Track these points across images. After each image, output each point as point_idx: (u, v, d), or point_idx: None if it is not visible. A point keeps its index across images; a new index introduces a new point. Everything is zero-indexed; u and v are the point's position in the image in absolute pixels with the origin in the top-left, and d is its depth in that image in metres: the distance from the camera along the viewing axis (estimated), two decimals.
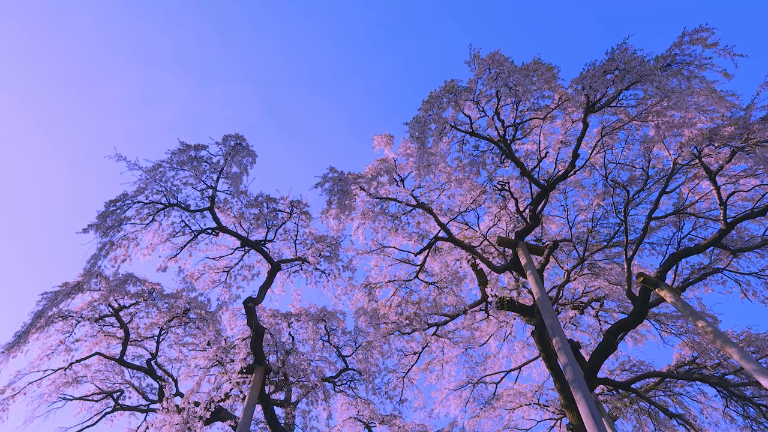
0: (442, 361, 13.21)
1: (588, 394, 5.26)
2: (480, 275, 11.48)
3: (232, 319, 10.89)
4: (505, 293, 11.72)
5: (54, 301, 8.47)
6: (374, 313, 11.02)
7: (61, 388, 9.90)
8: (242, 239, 9.45)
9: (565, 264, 12.16)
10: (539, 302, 7.34)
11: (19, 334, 8.36)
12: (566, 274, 11.46)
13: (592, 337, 14.11)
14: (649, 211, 8.78)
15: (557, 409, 13.61)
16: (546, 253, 9.36)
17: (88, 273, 8.28)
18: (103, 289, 9.08)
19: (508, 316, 13.53)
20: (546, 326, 6.86)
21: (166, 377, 10.40)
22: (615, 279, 11.80)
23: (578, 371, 5.59)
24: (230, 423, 10.34)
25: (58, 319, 9.07)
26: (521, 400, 13.71)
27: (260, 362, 9.35)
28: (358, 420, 13.03)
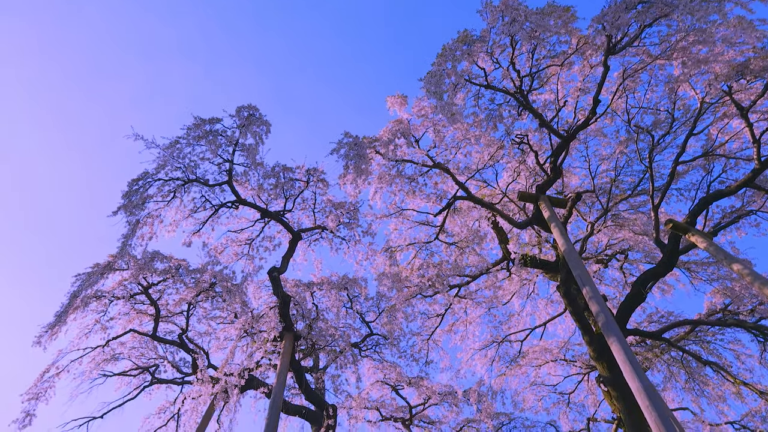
0: (466, 321, 13.31)
1: (623, 338, 5.24)
2: (500, 233, 11.40)
3: (256, 290, 11.07)
4: (527, 250, 11.67)
5: (88, 282, 8.68)
6: (396, 277, 11.08)
7: (100, 365, 10.24)
8: (262, 211, 9.49)
9: (588, 216, 11.99)
10: (566, 254, 7.26)
11: (58, 314, 8.62)
12: (589, 227, 11.31)
13: (617, 290, 14.04)
14: (676, 156, 8.54)
15: (585, 364, 13.69)
16: (569, 206, 9.21)
17: (121, 252, 8.44)
18: (132, 268, 9.27)
19: (530, 273, 13.50)
20: (575, 277, 6.80)
21: (198, 350, 10.69)
22: (641, 229, 11.62)
23: (611, 318, 5.55)
24: (263, 390, 10.64)
25: (92, 299, 9.31)
26: (547, 357, 13.80)
27: (289, 329, 9.52)
28: (386, 383, 13.30)
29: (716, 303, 12.03)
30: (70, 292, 9.04)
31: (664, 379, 13.29)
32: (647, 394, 4.93)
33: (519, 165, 10.40)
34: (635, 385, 5.09)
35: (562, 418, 13.83)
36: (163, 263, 9.69)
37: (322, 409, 10.49)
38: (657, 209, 8.76)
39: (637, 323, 13.62)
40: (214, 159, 8.79)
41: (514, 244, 11.49)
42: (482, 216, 10.99)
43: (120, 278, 9.65)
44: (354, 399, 11.58)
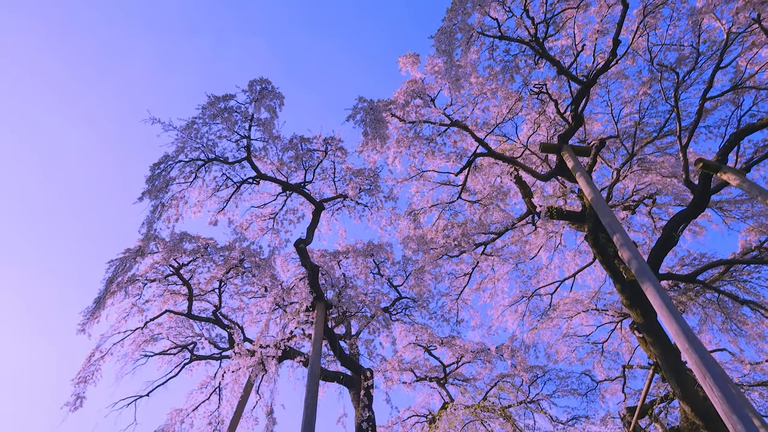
0: (494, 279, 13.55)
1: (657, 283, 5.37)
2: (524, 187, 11.45)
3: (284, 263, 11.41)
4: (552, 202, 11.71)
5: (122, 267, 9.08)
6: (421, 240, 11.29)
7: (141, 346, 10.79)
8: (283, 184, 9.70)
9: (613, 163, 11.93)
10: (593, 202, 7.33)
11: (97, 300, 9.08)
12: (615, 174, 11.27)
13: (646, 236, 14.05)
14: (703, 92, 8.40)
15: (617, 312, 13.88)
16: (593, 153, 9.20)
17: (147, 236, 8.77)
18: (163, 251, 9.64)
19: (556, 225, 13.58)
20: (604, 225, 6.89)
21: (233, 326, 11.16)
22: (668, 171, 11.54)
23: (644, 263, 5.67)
24: (299, 359, 11.12)
25: (127, 283, 9.75)
26: (578, 308, 14.01)
27: (320, 299, 9.87)
28: (418, 345, 13.73)
29: (751, 241, 11.99)
30: (105, 279, 9.48)
31: (700, 321, 13.43)
32: (686, 337, 5.08)
33: (539, 116, 10.34)
34: (673, 329, 5.24)
35: (597, 367, 14.16)
36: (191, 243, 10.04)
37: (358, 373, 10.95)
38: (685, 149, 8.68)
39: (669, 267, 13.67)
40: (231, 136, 8.97)
41: (539, 197, 11.54)
42: (504, 171, 11.03)
43: (152, 261, 10.06)
44: (388, 362, 12.01)
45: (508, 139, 11.05)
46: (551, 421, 13.90)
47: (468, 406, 12.47)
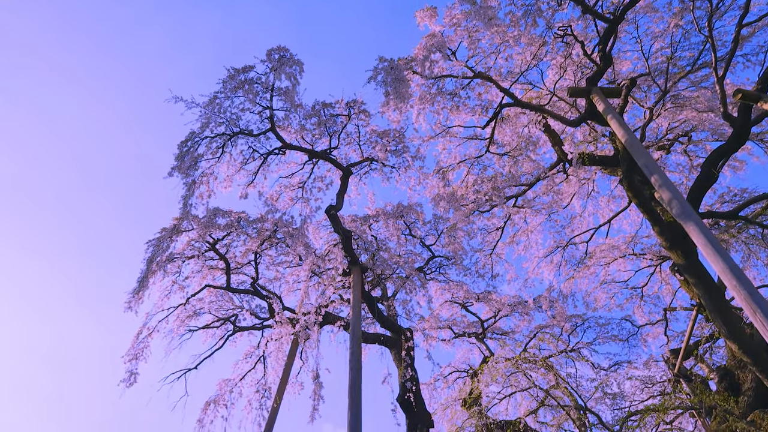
0: (527, 231, 13.71)
1: (700, 221, 5.48)
2: (553, 135, 11.44)
3: (316, 231, 11.78)
4: (583, 148, 11.69)
5: (160, 247, 9.55)
6: (451, 197, 11.48)
7: (185, 322, 11.40)
8: (308, 152, 9.93)
9: (644, 102, 11.78)
10: (627, 144, 7.37)
11: (139, 279, 9.61)
12: (648, 113, 11.15)
13: (683, 175, 13.94)
14: (739, 18, 8.18)
15: (655, 255, 13.96)
16: (623, 94, 9.13)
17: (183, 214, 9.18)
18: (197, 227, 10.06)
19: (588, 172, 13.56)
20: (640, 167, 6.96)
21: (271, 296, 11.67)
22: (704, 106, 11.35)
23: (685, 202, 5.76)
24: (339, 323, 11.61)
25: (166, 262, 10.25)
26: (615, 254, 14.13)
27: (355, 263, 10.22)
28: (454, 302, 14.12)
29: None
30: (145, 259, 10.01)
31: (743, 258, 13.42)
32: (733, 274, 5.18)
33: (564, 60, 10.22)
34: (719, 267, 5.34)
35: (637, 312, 14.38)
36: (224, 218, 10.43)
37: (398, 333, 11.40)
38: (722, 81, 8.53)
39: (709, 206, 13.59)
40: (254, 108, 9.18)
41: (569, 144, 11.52)
42: (532, 120, 11.02)
43: (188, 239, 10.51)
44: (426, 320, 12.44)
45: (534, 86, 10.98)
46: (593, 368, 14.29)
47: (509, 358, 12.89)
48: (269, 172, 10.03)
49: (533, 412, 13.38)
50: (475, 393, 12.76)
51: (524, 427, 12.71)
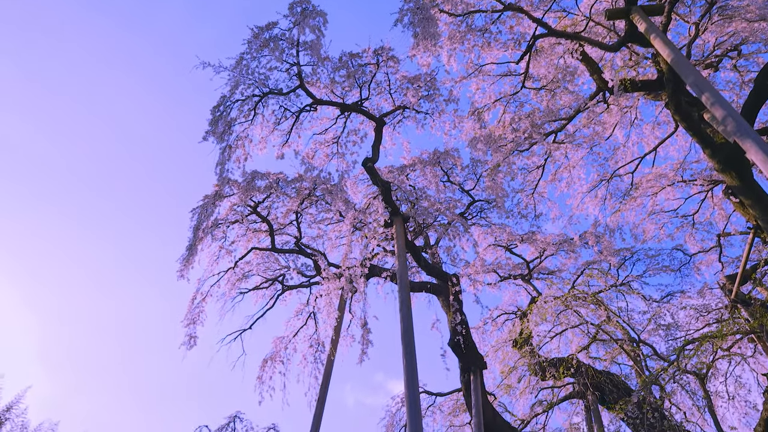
0: (569, 166, 13.58)
1: (759, 138, 5.40)
2: (591, 64, 11.14)
3: (354, 186, 12.02)
4: (624, 74, 11.37)
5: (204, 214, 9.98)
6: (488, 139, 11.45)
7: (236, 285, 11.99)
8: (340, 105, 10.03)
9: (689, 18, 11.27)
10: (673, 63, 7.19)
11: (188, 247, 10.12)
12: (693, 29, 10.70)
13: (733, 93, 13.41)
14: None
15: (706, 180, 13.68)
16: (666, 9, 8.77)
17: (222, 180, 9.51)
18: (237, 192, 10.42)
19: (630, 99, 13.20)
20: (688, 86, 6.81)
21: (316, 253, 12.10)
22: (756, 14, 10.80)
23: (741, 119, 5.66)
24: (385, 275, 12.00)
25: (212, 228, 10.72)
26: (663, 182, 13.91)
27: (396, 214, 10.46)
28: (498, 245, 14.30)
29: None
30: (191, 227, 10.50)
31: None
32: None
33: None
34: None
35: (689, 240, 14.25)
36: (263, 180, 10.75)
37: (444, 280, 11.72)
38: None
39: (763, 123, 13.11)
40: (281, 66, 9.28)
41: (608, 71, 11.22)
42: (568, 50, 10.73)
43: (229, 204, 10.92)
44: (471, 265, 12.68)
45: (569, 13, 10.64)
46: (645, 301, 14.41)
47: (557, 297, 13.12)
48: (303, 130, 10.21)
49: (585, 348, 13.69)
50: (525, 333, 13.11)
51: (577, 363, 13.06)
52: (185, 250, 10.40)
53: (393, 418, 13.99)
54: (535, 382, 13.51)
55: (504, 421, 11.79)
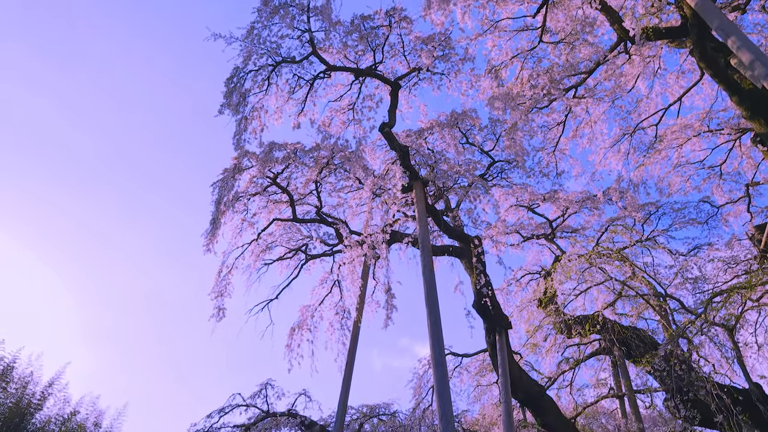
0: (590, 122, 13.40)
1: None
2: (611, 13, 10.85)
3: (372, 152, 12.05)
4: (645, 22, 11.06)
5: (224, 187, 10.16)
6: (506, 97, 11.32)
7: (260, 256, 12.26)
8: (354, 71, 10.00)
9: None
10: (698, 7, 6.99)
11: (211, 221, 10.35)
12: None
13: (762, 36, 12.95)
14: None
15: (733, 129, 13.41)
16: None
17: (240, 152, 9.64)
18: (256, 164, 10.54)
19: (653, 48, 12.86)
20: (713, 31, 6.64)
21: (337, 221, 12.25)
22: None
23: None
24: (407, 240, 12.13)
25: (233, 201, 10.91)
26: (688, 133, 13.66)
27: (415, 178, 10.51)
28: (520, 205, 14.29)
29: None
30: (213, 201, 10.70)
31: None
32: None
33: None
34: None
35: (716, 192, 14.06)
36: (280, 151, 10.84)
37: (466, 242, 11.81)
38: None
39: None
40: (292, 33, 9.25)
41: (629, 20, 10.90)
42: (586, 0, 10.46)
43: (249, 176, 11.06)
44: (493, 227, 12.73)
45: None
46: (671, 255, 14.32)
47: (581, 254, 13.13)
48: (317, 98, 10.23)
49: (611, 304, 13.75)
50: (550, 292, 13.22)
51: (602, 320, 13.18)
52: (209, 225, 10.64)
53: (420, 380, 14.37)
54: (561, 340, 13.68)
55: (530, 379, 12.05)
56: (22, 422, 18.43)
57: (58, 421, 18.87)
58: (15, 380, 18.06)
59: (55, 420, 18.90)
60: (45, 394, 18.13)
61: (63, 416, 18.89)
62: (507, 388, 10.47)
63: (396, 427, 11.87)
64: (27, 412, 18.30)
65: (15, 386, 18.06)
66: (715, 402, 9.34)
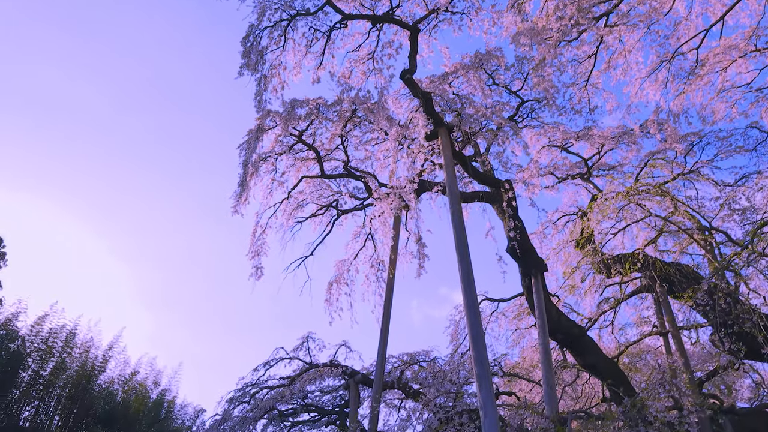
0: (624, 51, 12.73)
1: None
2: None
3: (395, 102, 11.93)
4: None
5: (250, 148, 10.31)
6: (532, 32, 10.87)
7: (292, 215, 12.52)
8: (370, 18, 9.79)
9: None
10: None
11: (240, 183, 10.58)
12: None
13: None
14: None
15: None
16: None
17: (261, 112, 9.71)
18: (280, 123, 10.62)
19: None
20: None
21: (365, 175, 12.33)
22: None
23: None
24: (436, 189, 12.12)
25: (260, 162, 11.09)
26: (733, 55, 12.86)
27: (440, 124, 10.38)
28: (552, 145, 13.97)
29: None
30: (240, 163, 10.90)
31: None
32: None
33: None
34: None
35: (766, 116, 13.30)
36: (303, 108, 10.85)
37: (497, 187, 11.70)
38: None
39: None
40: None
41: None
42: None
43: (274, 136, 11.18)
44: (525, 170, 12.54)
45: None
46: (716, 186, 13.82)
47: (619, 192, 12.82)
48: (336, 50, 10.10)
49: (652, 241, 13.50)
50: (587, 232, 13.04)
51: (644, 257, 12.98)
52: (237, 187, 10.89)
53: (457, 326, 14.64)
54: (600, 280, 13.60)
55: (569, 320, 12.10)
56: (89, 383, 19.90)
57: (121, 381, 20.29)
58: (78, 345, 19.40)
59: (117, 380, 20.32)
60: (106, 357, 19.43)
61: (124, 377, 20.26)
62: (544, 330, 10.56)
63: (436, 372, 12.21)
64: (92, 374, 19.72)
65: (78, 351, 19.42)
66: (762, 333, 9.18)
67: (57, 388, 22.60)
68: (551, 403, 9.81)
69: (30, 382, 22.64)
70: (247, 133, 10.79)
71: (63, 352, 19.28)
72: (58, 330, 18.39)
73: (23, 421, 23.42)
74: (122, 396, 20.60)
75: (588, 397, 13.52)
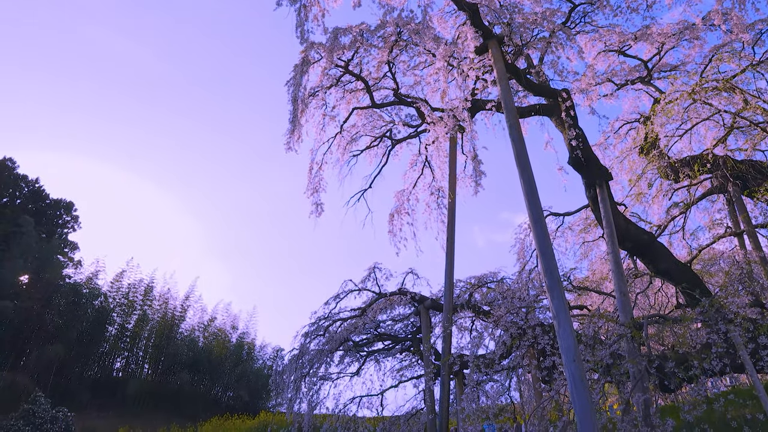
0: None
1: None
2: None
3: (441, 21, 11.65)
4: None
5: (297, 84, 10.41)
6: None
7: (347, 149, 12.69)
8: None
9: None
10: None
11: (290, 120, 10.76)
12: None
13: None
14: None
15: None
16: None
17: (306, 44, 9.73)
18: (324, 54, 10.62)
19: None
20: None
21: (416, 100, 12.25)
22: None
23: None
24: (490, 106, 11.95)
25: (310, 97, 11.20)
26: None
27: (489, 36, 10.11)
28: (609, 50, 13.35)
29: None
30: (289, 99, 11.02)
31: None
32: None
33: None
34: None
35: None
36: (346, 36, 10.78)
37: (554, 98, 11.40)
38: None
39: None
40: None
41: None
42: None
43: (320, 69, 11.21)
44: (582, 78, 12.10)
45: None
46: None
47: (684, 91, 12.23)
48: None
49: (722, 140, 12.93)
50: (651, 137, 12.62)
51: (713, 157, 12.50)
52: (289, 124, 11.05)
53: (522, 244, 14.67)
54: (668, 185, 13.23)
55: (638, 228, 11.91)
56: (171, 332, 21.46)
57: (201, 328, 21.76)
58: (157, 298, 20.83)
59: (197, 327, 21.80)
60: (184, 307, 20.78)
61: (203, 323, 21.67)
62: (613, 239, 10.47)
63: (504, 291, 12.41)
64: (173, 323, 21.20)
65: (158, 303, 20.85)
66: None
67: (143, 339, 24.48)
68: (625, 310, 9.83)
69: (117, 335, 24.61)
70: (293, 69, 10.87)
71: (144, 304, 20.75)
72: (137, 284, 19.78)
73: (116, 372, 25.68)
74: (204, 342, 22.11)
75: (661, 305, 13.43)
